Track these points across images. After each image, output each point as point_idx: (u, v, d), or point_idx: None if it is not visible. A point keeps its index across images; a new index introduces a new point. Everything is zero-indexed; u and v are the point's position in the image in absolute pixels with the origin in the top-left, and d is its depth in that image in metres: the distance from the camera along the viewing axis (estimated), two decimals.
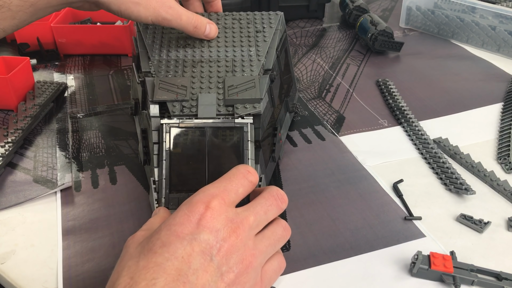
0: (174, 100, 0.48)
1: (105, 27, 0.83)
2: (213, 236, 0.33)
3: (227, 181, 0.38)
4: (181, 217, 0.34)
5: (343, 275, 0.44)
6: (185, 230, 0.33)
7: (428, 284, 0.43)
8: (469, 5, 0.86)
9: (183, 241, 0.32)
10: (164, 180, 0.46)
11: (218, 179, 0.38)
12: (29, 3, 0.48)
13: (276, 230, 0.38)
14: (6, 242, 0.48)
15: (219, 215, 0.34)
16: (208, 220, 0.34)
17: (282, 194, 0.39)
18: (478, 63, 0.83)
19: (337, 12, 1.04)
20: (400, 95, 0.71)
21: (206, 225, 0.33)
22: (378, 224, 0.49)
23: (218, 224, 0.34)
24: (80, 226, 0.49)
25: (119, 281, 0.31)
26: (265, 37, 0.56)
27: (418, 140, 0.61)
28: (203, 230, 0.33)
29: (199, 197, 0.35)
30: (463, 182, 0.53)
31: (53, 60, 0.83)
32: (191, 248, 0.32)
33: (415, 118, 0.66)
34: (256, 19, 0.59)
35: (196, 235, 0.33)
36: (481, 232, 0.48)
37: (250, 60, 0.53)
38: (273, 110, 0.54)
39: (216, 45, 0.55)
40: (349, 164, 0.58)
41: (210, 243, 0.33)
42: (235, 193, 0.37)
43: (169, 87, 0.49)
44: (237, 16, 0.59)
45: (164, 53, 0.54)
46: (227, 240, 0.34)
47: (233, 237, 0.34)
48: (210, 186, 0.37)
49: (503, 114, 0.67)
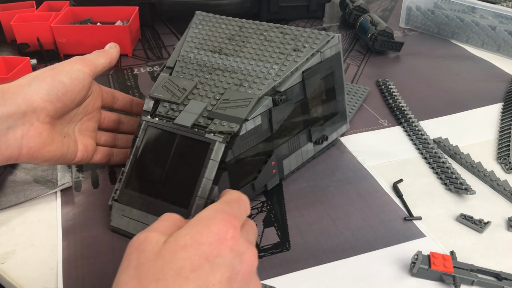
0: (167, 100, 0.48)
1: (105, 27, 0.83)
2: (238, 261, 0.32)
3: (237, 204, 0.36)
4: (208, 235, 0.31)
5: (343, 275, 0.44)
6: (214, 252, 0.31)
7: (428, 284, 0.43)
8: (469, 5, 0.86)
9: (213, 265, 0.30)
10: (126, 174, 0.48)
11: (229, 199, 0.36)
12: None
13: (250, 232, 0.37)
14: (6, 242, 0.48)
15: (240, 237, 0.33)
16: (235, 242, 0.32)
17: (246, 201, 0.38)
18: (478, 63, 0.83)
19: (337, 12, 1.04)
20: (400, 95, 0.71)
21: (233, 248, 0.32)
22: (378, 224, 0.49)
23: (242, 247, 0.33)
24: (80, 226, 0.49)
25: None
26: (298, 57, 0.51)
27: (418, 140, 0.61)
28: (230, 253, 0.32)
29: (223, 216, 0.33)
30: (463, 182, 0.53)
31: (53, 60, 0.83)
32: (221, 274, 0.30)
33: (415, 118, 0.66)
34: (303, 37, 0.53)
35: (225, 258, 0.31)
36: (481, 232, 0.48)
37: (265, 78, 0.49)
38: (271, 136, 0.49)
39: (244, 57, 0.52)
40: (349, 164, 0.58)
41: (236, 268, 0.32)
42: (242, 218, 0.36)
43: (171, 87, 0.49)
44: (286, 30, 0.54)
45: (194, 54, 0.54)
46: (248, 264, 0.33)
47: (251, 260, 0.33)
48: (225, 206, 0.35)
49: (503, 114, 0.67)
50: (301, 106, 0.52)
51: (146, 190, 0.47)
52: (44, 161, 0.47)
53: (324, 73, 0.54)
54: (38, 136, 0.45)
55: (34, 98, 0.44)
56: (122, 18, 0.88)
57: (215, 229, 0.32)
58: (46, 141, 0.46)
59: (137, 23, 0.88)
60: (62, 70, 0.47)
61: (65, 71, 0.47)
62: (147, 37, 0.93)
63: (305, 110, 0.53)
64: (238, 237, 0.32)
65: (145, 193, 0.47)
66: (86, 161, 0.52)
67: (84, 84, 0.49)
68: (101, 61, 0.52)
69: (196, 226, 0.32)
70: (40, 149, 0.45)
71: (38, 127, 0.45)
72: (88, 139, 0.52)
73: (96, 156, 0.53)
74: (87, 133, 0.53)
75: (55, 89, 0.46)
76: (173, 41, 0.92)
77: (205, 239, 0.31)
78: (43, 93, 0.45)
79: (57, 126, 0.48)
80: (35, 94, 0.45)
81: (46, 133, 0.46)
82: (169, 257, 0.30)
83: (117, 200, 0.48)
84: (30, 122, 0.44)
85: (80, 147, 0.51)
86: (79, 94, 0.48)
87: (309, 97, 0.53)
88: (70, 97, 0.47)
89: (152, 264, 0.30)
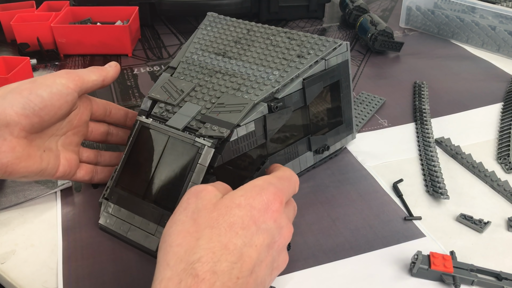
0: (163, 101, 0.48)
1: (105, 27, 0.84)
2: (278, 232, 0.36)
3: (287, 182, 0.40)
4: (259, 202, 0.36)
5: (343, 275, 0.44)
6: (261, 218, 0.35)
7: (428, 284, 0.43)
8: (469, 5, 0.86)
9: (258, 229, 0.34)
10: (117, 171, 0.48)
11: (281, 175, 0.40)
12: None
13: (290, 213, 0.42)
14: (6, 242, 0.48)
15: (283, 212, 0.37)
16: (279, 215, 0.36)
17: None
18: (478, 63, 0.83)
19: (337, 12, 1.04)
20: (427, 97, 0.71)
21: (277, 219, 0.36)
22: (378, 224, 0.49)
23: (283, 221, 0.37)
24: (80, 226, 0.49)
25: (200, 250, 0.32)
26: (301, 63, 0.50)
27: (423, 141, 0.61)
28: (274, 223, 0.36)
29: (274, 189, 0.37)
30: (441, 186, 0.53)
31: (53, 60, 0.83)
32: (263, 238, 0.34)
33: (430, 119, 0.66)
34: (309, 43, 0.52)
35: (268, 227, 0.35)
36: (481, 232, 0.48)
37: (264, 83, 0.48)
38: (265, 142, 0.48)
39: (247, 61, 0.51)
40: (349, 164, 0.58)
41: (275, 237, 0.36)
42: (289, 196, 0.40)
43: (170, 88, 0.49)
44: (294, 35, 0.53)
45: (198, 55, 0.53)
46: (284, 237, 0.37)
47: (287, 235, 0.37)
48: (277, 181, 0.38)
49: (503, 114, 0.67)
50: (301, 114, 0.51)
51: (135, 190, 0.46)
52: (21, 177, 0.45)
53: (328, 81, 0.52)
54: (11, 152, 0.43)
55: (8, 111, 0.42)
56: (122, 18, 0.88)
57: (265, 198, 0.36)
58: (21, 157, 0.43)
59: (137, 23, 0.88)
60: (43, 83, 0.45)
61: (45, 84, 0.45)
62: (147, 37, 0.93)
63: (305, 118, 0.52)
64: (281, 212, 0.37)
65: (133, 193, 0.46)
66: (69, 177, 0.50)
67: (66, 100, 0.46)
68: (92, 77, 0.49)
69: (250, 191, 0.36)
70: (14, 165, 0.43)
71: (12, 142, 0.43)
72: (72, 154, 0.50)
73: (79, 172, 0.51)
74: (71, 147, 0.50)
75: (31, 103, 0.43)
76: (173, 41, 0.92)
77: (256, 204, 0.35)
78: (18, 106, 0.42)
79: (36, 141, 0.46)
80: (9, 107, 0.42)
81: (21, 148, 0.43)
82: (224, 210, 0.35)
83: (107, 199, 0.48)
84: (2, 136, 0.42)
85: (62, 161, 0.48)
86: (60, 109, 0.46)
87: (309, 105, 0.52)
88: (49, 112, 0.45)
89: (208, 212, 0.35)
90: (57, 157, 0.48)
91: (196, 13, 0.94)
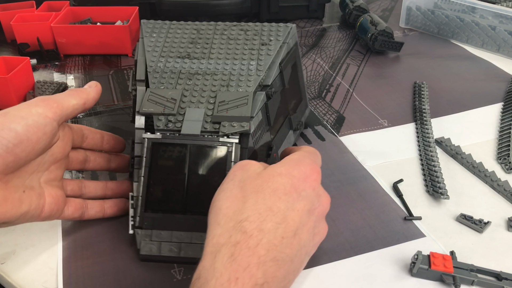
0: (160, 113, 0.46)
1: (105, 27, 0.84)
2: (317, 200, 0.39)
3: (316, 156, 0.43)
4: (298, 172, 0.38)
5: (343, 275, 0.44)
6: (301, 186, 0.37)
7: (428, 284, 0.43)
8: (469, 5, 0.86)
9: (299, 196, 0.37)
10: (141, 197, 0.44)
11: (310, 150, 0.43)
12: None
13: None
14: (6, 242, 0.48)
15: (320, 183, 0.40)
16: (317, 184, 0.39)
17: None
18: (478, 63, 0.83)
19: (337, 12, 1.04)
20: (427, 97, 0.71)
21: (315, 188, 0.38)
22: (378, 224, 0.49)
23: (320, 190, 0.40)
24: (80, 226, 0.49)
25: (248, 211, 0.35)
26: (269, 50, 0.52)
27: (423, 141, 0.61)
28: (313, 191, 0.38)
29: (310, 161, 0.40)
30: (441, 186, 0.53)
31: (53, 60, 0.83)
32: (304, 204, 0.37)
33: (430, 119, 0.66)
34: (264, 31, 0.55)
35: (308, 194, 0.38)
36: (481, 232, 0.48)
37: (248, 74, 0.50)
38: (269, 129, 0.50)
39: (217, 57, 0.52)
40: (349, 164, 0.58)
41: (315, 204, 0.38)
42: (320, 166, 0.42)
43: (159, 99, 0.47)
44: (244, 27, 0.56)
45: (163, 62, 0.51)
46: (323, 205, 0.40)
47: (326, 203, 0.40)
48: (309, 154, 0.41)
49: (503, 114, 0.67)
50: (282, 96, 0.54)
51: (171, 208, 0.44)
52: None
53: (291, 63, 0.56)
54: None
55: None
56: (122, 18, 0.88)
57: (304, 169, 0.38)
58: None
59: (137, 23, 0.88)
60: (16, 115, 0.39)
61: (19, 116, 0.39)
62: None
63: (284, 100, 0.55)
64: (319, 181, 0.39)
65: (170, 211, 0.44)
66: (56, 216, 0.45)
67: (45, 132, 0.41)
68: (71, 102, 0.44)
69: (288, 163, 0.39)
70: None
71: None
72: (57, 190, 0.45)
73: (68, 209, 0.46)
74: (55, 183, 0.45)
75: (4, 140, 0.38)
76: None
77: (296, 173, 0.38)
78: None
79: (13, 181, 0.40)
80: None
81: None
82: (267, 178, 0.37)
83: (140, 227, 0.45)
84: None
85: (48, 200, 0.43)
86: (38, 143, 0.40)
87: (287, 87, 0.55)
88: (25, 148, 0.39)
89: (253, 180, 0.37)
90: (41, 196, 0.43)
91: (196, 13, 0.94)
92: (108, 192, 0.51)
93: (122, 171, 0.53)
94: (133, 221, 0.45)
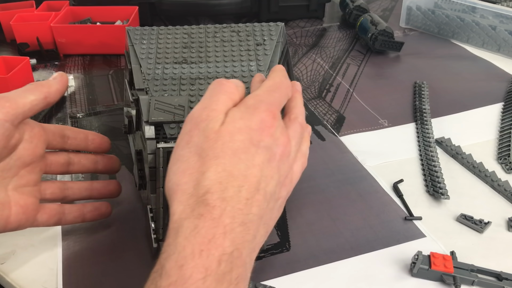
0: (171, 121, 0.44)
1: (105, 27, 0.83)
2: (275, 144, 0.37)
3: (278, 92, 0.40)
4: (256, 123, 0.36)
5: (343, 276, 0.44)
6: (259, 137, 0.36)
7: (428, 284, 0.43)
8: (469, 5, 0.86)
9: (257, 149, 0.35)
10: (161, 209, 0.43)
11: (269, 87, 0.40)
12: None
13: (297, 129, 0.41)
14: (6, 242, 0.48)
15: (278, 125, 0.38)
16: (274, 130, 0.37)
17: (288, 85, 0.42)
18: (478, 63, 0.83)
19: (337, 12, 1.04)
20: (427, 97, 0.71)
21: (272, 134, 0.37)
22: (378, 224, 0.49)
23: (277, 132, 0.37)
24: (80, 226, 0.49)
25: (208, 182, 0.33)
26: (265, 50, 0.52)
27: (424, 141, 0.61)
28: (270, 138, 0.36)
29: (265, 106, 0.37)
30: (442, 186, 0.53)
31: (52, 60, 0.83)
32: (263, 156, 0.35)
33: (431, 119, 0.65)
34: (256, 31, 0.55)
35: (266, 144, 0.36)
36: (482, 232, 0.48)
37: (250, 75, 0.49)
38: None
39: (215, 60, 0.51)
40: (349, 164, 0.58)
41: (273, 150, 0.36)
42: (281, 105, 0.40)
43: (166, 107, 0.46)
44: (235, 28, 0.55)
45: (160, 69, 0.50)
46: (282, 145, 0.37)
47: (284, 142, 0.38)
48: (267, 96, 0.38)
49: (503, 114, 0.67)
50: None
51: None
52: None
53: (286, 62, 0.56)
54: None
55: None
56: (121, 18, 0.88)
57: (259, 118, 0.36)
58: None
59: (137, 23, 0.88)
60: None
61: None
62: None
63: None
64: (276, 125, 0.37)
65: None
66: (27, 225, 0.42)
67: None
68: (29, 98, 0.39)
69: (246, 112, 0.36)
70: None
71: None
72: (27, 197, 0.41)
73: (41, 216, 0.43)
74: (27, 189, 0.42)
75: None
76: None
77: (253, 125, 0.36)
78: None
79: None
80: None
81: None
82: (228, 138, 0.35)
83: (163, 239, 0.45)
84: None
85: (14, 210, 0.40)
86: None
87: None
88: None
89: (212, 143, 0.34)
90: (4, 206, 0.39)
91: (196, 13, 0.94)
92: (94, 193, 0.48)
93: (110, 172, 0.51)
94: (155, 235, 0.44)
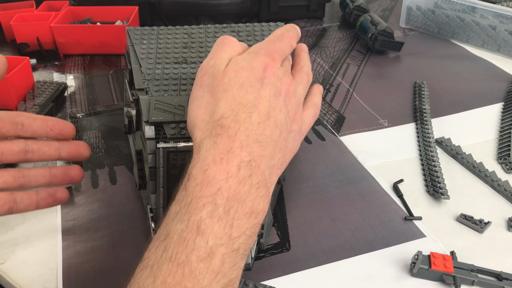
0: (171, 121, 0.45)
1: (105, 27, 0.83)
2: (279, 82, 0.41)
3: (279, 41, 0.43)
4: (257, 63, 0.40)
5: (343, 276, 0.44)
6: (262, 75, 0.39)
7: (428, 284, 0.43)
8: (469, 5, 0.86)
9: (262, 84, 0.39)
10: (161, 209, 0.44)
11: (270, 38, 0.43)
12: None
13: (303, 76, 0.45)
14: (6, 242, 0.48)
15: (281, 68, 0.42)
16: (276, 70, 0.41)
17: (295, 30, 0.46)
18: (478, 63, 0.83)
19: (337, 12, 1.04)
20: (427, 97, 0.71)
21: (275, 73, 0.40)
22: (378, 224, 0.49)
23: (280, 73, 0.41)
24: (80, 226, 0.49)
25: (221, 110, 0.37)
26: None
27: (424, 141, 0.61)
28: (274, 76, 0.40)
29: (265, 51, 0.41)
30: (442, 186, 0.53)
31: (52, 60, 0.83)
32: (269, 90, 0.39)
33: (431, 119, 0.65)
34: (256, 31, 0.55)
35: (270, 81, 0.40)
36: (482, 232, 0.48)
37: None
38: None
39: None
40: (349, 164, 0.58)
41: (278, 87, 0.40)
42: (284, 53, 0.43)
43: (166, 107, 0.46)
44: (236, 28, 0.55)
45: (160, 69, 0.50)
46: (286, 84, 0.41)
47: (288, 82, 0.42)
48: (267, 44, 0.42)
49: (503, 114, 0.67)
50: None
51: None
52: None
53: None
54: None
55: None
56: (122, 18, 0.88)
57: (261, 60, 0.40)
58: None
59: (137, 23, 0.88)
60: None
61: None
62: None
63: None
64: (277, 67, 0.41)
65: None
66: None
67: None
68: None
69: (248, 56, 0.40)
70: None
71: None
72: None
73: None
74: None
75: None
76: None
77: (255, 65, 0.39)
78: None
79: None
80: None
81: None
82: (233, 74, 0.39)
83: None
84: None
85: None
86: None
87: None
88: None
89: (220, 80, 0.38)
90: None
91: (196, 13, 0.94)
92: (53, 179, 0.47)
93: (77, 159, 0.49)
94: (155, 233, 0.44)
